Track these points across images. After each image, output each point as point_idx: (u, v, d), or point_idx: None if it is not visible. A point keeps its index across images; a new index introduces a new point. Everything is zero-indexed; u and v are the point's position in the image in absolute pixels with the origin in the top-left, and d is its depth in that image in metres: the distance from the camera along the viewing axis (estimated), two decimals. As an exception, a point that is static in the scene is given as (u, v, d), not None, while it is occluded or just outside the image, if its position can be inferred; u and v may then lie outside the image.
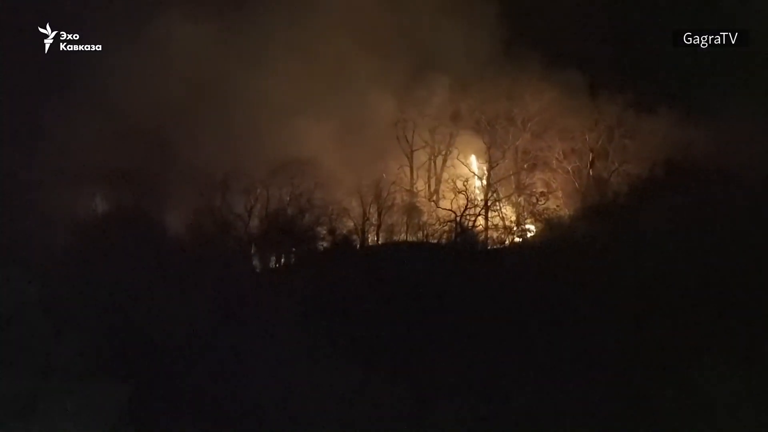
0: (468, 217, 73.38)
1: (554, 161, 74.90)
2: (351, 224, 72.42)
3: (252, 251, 71.30)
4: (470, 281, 67.72)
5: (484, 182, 75.43)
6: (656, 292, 65.69)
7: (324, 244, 71.85)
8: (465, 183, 74.22)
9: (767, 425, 60.80)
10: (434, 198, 75.19)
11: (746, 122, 71.37)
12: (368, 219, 72.65)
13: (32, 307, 61.78)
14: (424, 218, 73.75)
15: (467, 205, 73.53)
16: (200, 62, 71.60)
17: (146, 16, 70.82)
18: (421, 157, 75.63)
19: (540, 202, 74.91)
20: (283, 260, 71.72)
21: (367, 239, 72.80)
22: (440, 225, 73.36)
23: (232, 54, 71.94)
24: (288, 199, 71.32)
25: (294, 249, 71.55)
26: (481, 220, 74.02)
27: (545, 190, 75.04)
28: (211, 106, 70.89)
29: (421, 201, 74.72)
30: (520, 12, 74.89)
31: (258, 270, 71.08)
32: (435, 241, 73.05)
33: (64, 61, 68.99)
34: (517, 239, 74.77)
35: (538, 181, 75.25)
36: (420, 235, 73.47)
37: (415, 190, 75.09)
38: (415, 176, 75.40)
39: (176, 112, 70.09)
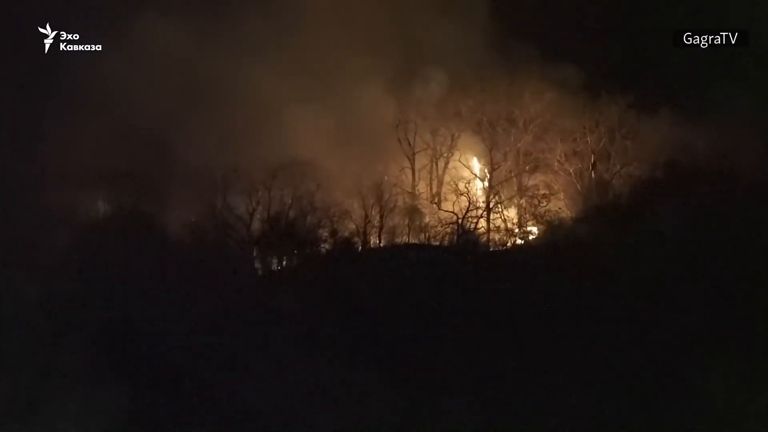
0: (470, 219, 73.18)
1: (556, 163, 74.84)
2: (353, 226, 72.15)
3: (254, 253, 70.92)
4: (472, 283, 67.79)
5: (486, 184, 75.21)
6: (658, 294, 65.79)
7: (326, 246, 71.60)
8: (467, 185, 74.02)
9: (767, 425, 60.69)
10: (436, 200, 74.89)
11: (746, 122, 71.45)
12: (370, 221, 72.35)
13: (33, 308, 61.39)
14: (426, 220, 73.55)
15: (469, 207, 73.32)
16: (201, 63, 71.55)
17: (146, 17, 70.80)
18: (422, 159, 75.45)
19: (542, 204, 74.72)
20: (285, 262, 71.34)
21: (369, 241, 72.47)
22: (442, 227, 73.15)
23: (233, 55, 71.91)
24: (289, 201, 71.04)
25: (296, 251, 71.20)
26: (483, 222, 73.79)
27: (547, 192, 74.90)
28: (212, 107, 70.78)
29: (423, 203, 74.51)
30: (520, 12, 75.10)
31: (260, 272, 70.79)
32: (437, 243, 72.82)
33: (64, 61, 68.96)
34: (519, 241, 74.56)
35: (539, 183, 75.10)
36: (422, 237, 73.18)
37: (416, 192, 74.89)
38: (416, 178, 75.24)
39: (177, 112, 69.96)
